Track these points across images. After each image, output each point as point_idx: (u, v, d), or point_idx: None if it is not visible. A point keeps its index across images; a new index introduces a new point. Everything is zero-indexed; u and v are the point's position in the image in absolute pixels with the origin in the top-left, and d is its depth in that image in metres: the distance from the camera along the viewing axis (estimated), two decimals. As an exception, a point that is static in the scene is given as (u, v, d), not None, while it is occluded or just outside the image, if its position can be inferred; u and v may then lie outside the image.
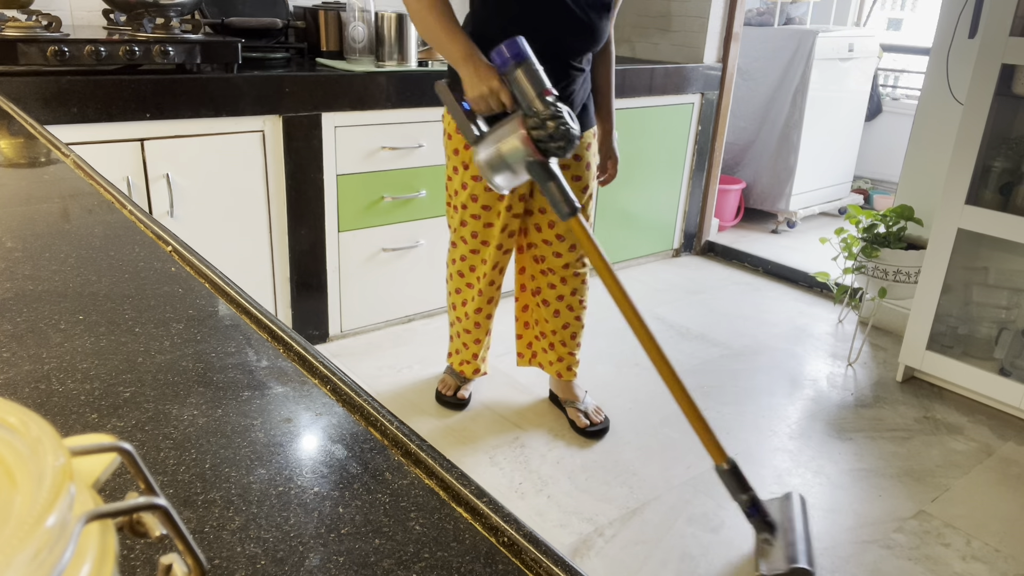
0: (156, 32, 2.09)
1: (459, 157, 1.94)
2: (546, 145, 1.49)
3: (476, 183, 1.94)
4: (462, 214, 2.01)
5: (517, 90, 1.54)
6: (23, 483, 0.21)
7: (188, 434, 0.49)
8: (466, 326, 2.19)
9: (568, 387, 2.26)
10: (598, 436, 2.19)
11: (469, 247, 2.05)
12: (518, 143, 1.50)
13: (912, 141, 2.90)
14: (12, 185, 0.98)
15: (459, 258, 2.09)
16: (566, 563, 0.40)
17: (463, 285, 2.14)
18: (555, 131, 1.48)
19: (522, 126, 1.50)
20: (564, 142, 1.49)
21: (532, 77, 1.53)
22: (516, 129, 1.51)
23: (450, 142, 1.96)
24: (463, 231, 2.04)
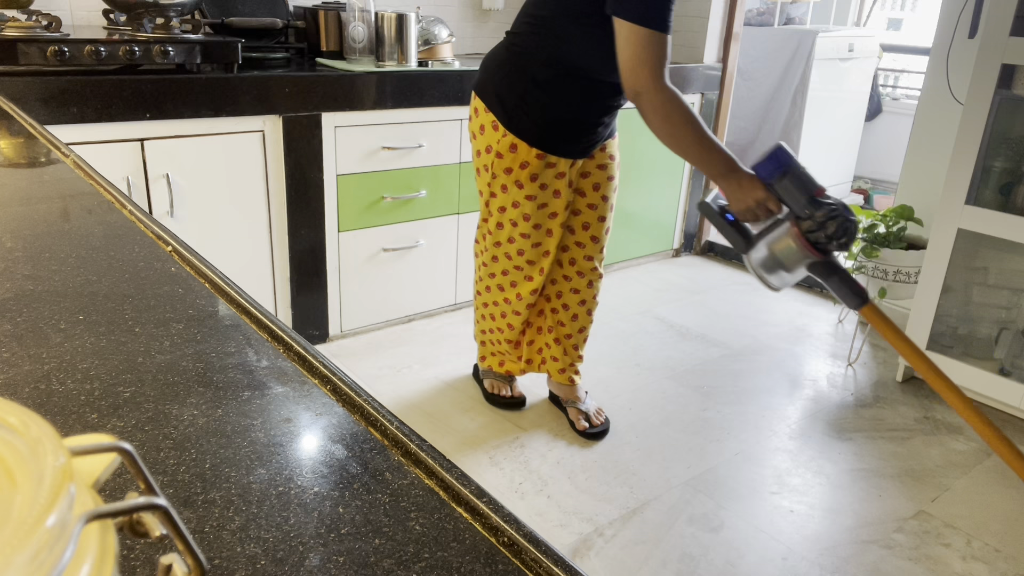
0: (156, 32, 2.09)
1: (511, 176, 1.89)
2: (825, 244, 1.49)
3: (529, 202, 1.91)
4: (510, 231, 1.98)
5: (785, 196, 1.53)
6: (23, 483, 0.21)
7: (188, 434, 0.49)
8: (508, 336, 2.19)
9: (570, 388, 2.26)
10: (598, 438, 2.19)
11: (513, 263, 2.03)
12: (793, 245, 1.50)
13: (912, 141, 2.90)
14: (12, 185, 0.98)
15: (500, 273, 2.07)
16: (566, 563, 0.40)
17: (501, 299, 2.11)
18: (835, 229, 1.47)
19: (795, 228, 1.49)
20: (847, 237, 1.49)
21: (800, 182, 1.51)
22: (790, 232, 1.50)
23: (501, 161, 1.88)
24: (509, 247, 2.01)
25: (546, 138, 1.84)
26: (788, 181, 1.51)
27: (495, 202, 1.96)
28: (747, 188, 1.58)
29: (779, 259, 1.53)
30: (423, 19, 2.71)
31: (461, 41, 3.34)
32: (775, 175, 1.52)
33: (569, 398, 2.25)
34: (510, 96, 1.83)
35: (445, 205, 2.76)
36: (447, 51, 2.76)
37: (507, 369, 2.30)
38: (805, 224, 1.48)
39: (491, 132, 1.87)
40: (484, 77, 1.90)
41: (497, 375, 2.32)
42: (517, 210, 1.94)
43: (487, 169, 1.93)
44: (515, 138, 1.84)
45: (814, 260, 1.51)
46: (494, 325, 2.20)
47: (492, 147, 1.88)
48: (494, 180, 1.93)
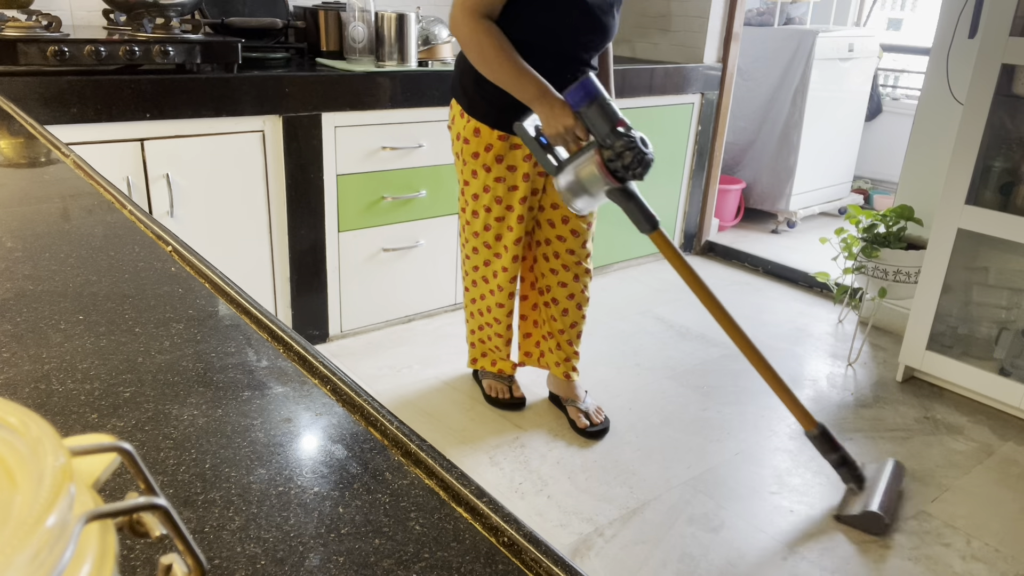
0: (156, 32, 2.09)
1: (479, 160, 1.96)
2: (623, 173, 1.63)
3: (498, 184, 1.98)
4: (485, 218, 2.03)
5: (591, 124, 1.66)
6: (23, 483, 0.21)
7: (188, 434, 0.49)
8: (497, 331, 2.21)
9: (569, 387, 2.26)
10: (598, 437, 2.19)
11: (493, 250, 2.08)
12: (595, 171, 1.65)
13: (912, 141, 2.90)
14: (12, 185, 0.98)
15: (482, 264, 2.12)
16: (566, 563, 0.40)
17: (487, 291, 2.16)
18: (631, 160, 1.62)
19: (598, 156, 1.63)
20: (640, 168, 1.64)
21: (605, 112, 1.64)
22: (593, 159, 1.65)
23: (468, 146, 1.95)
24: (486, 235, 2.06)
25: (503, 119, 1.89)
26: (594, 110, 1.64)
27: (468, 190, 2.03)
28: (559, 114, 1.70)
29: (583, 183, 1.68)
30: (423, 19, 2.71)
31: (461, 41, 3.34)
32: (583, 103, 1.65)
33: (568, 397, 2.26)
34: (469, 84, 1.91)
35: (445, 205, 2.76)
36: (447, 51, 2.76)
37: (499, 368, 2.31)
38: (606, 153, 1.63)
39: (459, 120, 1.97)
40: (453, 74, 2.01)
41: (494, 376, 2.33)
42: (489, 194, 2.00)
43: (459, 156, 2.02)
44: (477, 123, 1.92)
45: (612, 187, 1.66)
46: (483, 321, 2.23)
47: (460, 134, 1.97)
48: (465, 167, 2.00)
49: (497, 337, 2.23)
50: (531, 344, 2.33)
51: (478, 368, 2.35)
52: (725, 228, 4.16)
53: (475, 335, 2.29)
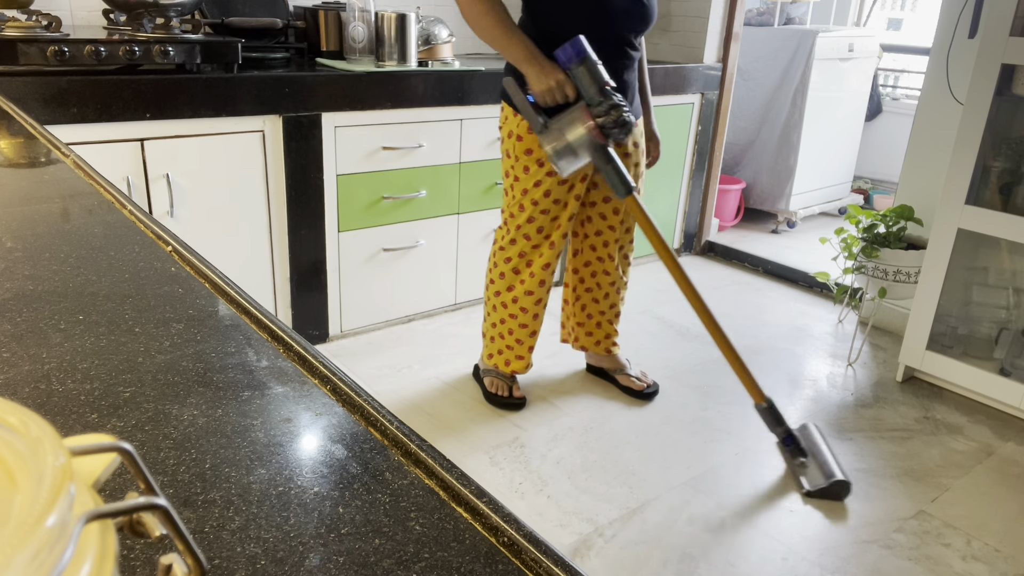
0: (156, 32, 2.09)
1: (533, 156, 2.02)
2: (609, 131, 1.70)
3: (550, 178, 2.04)
4: (531, 211, 2.09)
5: (580, 84, 1.73)
6: (23, 483, 0.21)
7: (188, 434, 0.49)
8: (523, 321, 2.24)
9: (613, 359, 2.43)
10: (651, 398, 2.39)
11: (532, 242, 2.14)
12: (583, 130, 1.72)
13: (912, 141, 2.90)
14: (12, 185, 0.98)
15: (516, 255, 2.16)
16: (566, 563, 0.40)
17: (517, 282, 2.20)
18: (617, 118, 1.70)
19: (587, 114, 1.71)
20: (623, 128, 1.72)
21: (593, 72, 1.71)
22: (581, 117, 1.72)
23: (521, 143, 2.02)
24: (528, 227, 2.12)
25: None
26: (584, 69, 1.72)
27: (518, 185, 2.08)
28: (548, 71, 1.79)
29: (569, 141, 1.75)
30: (423, 19, 2.71)
31: (461, 41, 3.34)
32: (573, 61, 1.72)
33: (615, 367, 2.44)
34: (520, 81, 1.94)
35: (445, 205, 2.76)
36: (447, 51, 2.76)
37: (512, 369, 2.31)
38: (595, 110, 1.71)
39: (512, 118, 2.03)
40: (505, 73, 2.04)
41: (500, 375, 2.33)
42: (539, 189, 2.06)
43: (509, 154, 2.08)
44: None
45: (599, 144, 1.74)
46: (506, 313, 2.24)
47: (513, 131, 2.03)
48: (517, 163, 2.06)
49: (521, 328, 2.25)
50: (573, 324, 2.44)
51: (492, 365, 2.34)
52: (725, 228, 4.16)
53: (495, 328, 2.29)
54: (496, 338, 2.30)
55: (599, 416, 2.30)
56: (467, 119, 2.70)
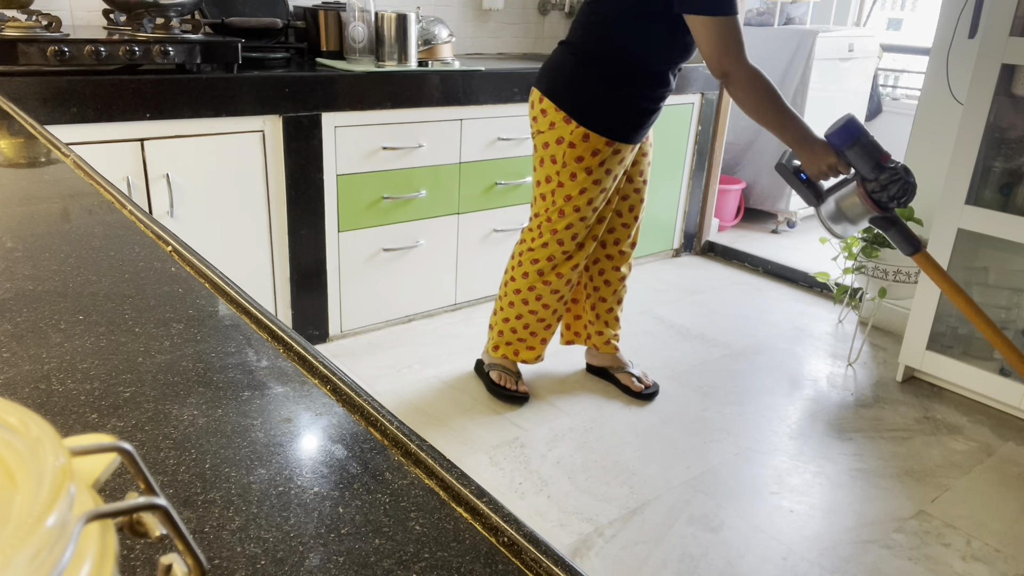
0: (156, 32, 2.09)
1: (582, 164, 2.04)
2: (887, 203, 1.76)
3: (595, 187, 2.08)
4: (571, 217, 2.12)
5: (855, 162, 1.77)
6: (23, 483, 0.21)
7: (188, 434, 0.49)
8: (542, 316, 2.29)
9: (615, 356, 2.45)
10: (651, 398, 2.40)
11: (564, 248, 2.17)
12: (859, 202, 1.78)
13: (912, 141, 2.90)
14: (12, 185, 0.98)
15: (546, 259, 2.19)
16: (566, 563, 0.40)
17: (541, 283, 2.24)
18: (896, 192, 1.74)
19: (861, 188, 1.76)
20: (906, 197, 1.75)
21: (867, 150, 1.75)
22: (856, 191, 1.77)
23: (573, 151, 2.03)
24: (565, 234, 2.15)
25: (617, 128, 2.02)
26: (858, 149, 1.76)
27: (562, 191, 2.10)
28: (820, 154, 1.81)
29: (845, 213, 1.81)
30: (423, 19, 2.71)
31: (461, 41, 3.34)
32: (847, 143, 1.76)
33: (617, 365, 2.45)
34: (582, 95, 2.00)
35: (445, 205, 2.76)
36: (447, 51, 2.76)
37: (522, 359, 2.36)
38: (870, 185, 1.75)
39: (562, 126, 2.03)
40: (553, 80, 2.06)
41: (506, 368, 2.37)
42: (583, 196, 2.09)
43: (555, 160, 2.08)
44: (587, 130, 2.01)
45: (875, 215, 1.78)
46: (525, 310, 2.27)
47: (564, 138, 2.04)
48: (564, 168, 2.07)
49: (539, 323, 2.30)
50: (581, 325, 2.48)
51: (499, 357, 2.37)
52: (725, 228, 4.16)
53: (509, 323, 2.31)
54: (507, 332, 2.33)
55: (599, 416, 2.30)
56: (467, 119, 2.70)
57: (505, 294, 2.30)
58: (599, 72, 1.99)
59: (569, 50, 2.05)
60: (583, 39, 2.02)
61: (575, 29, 2.05)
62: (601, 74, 1.99)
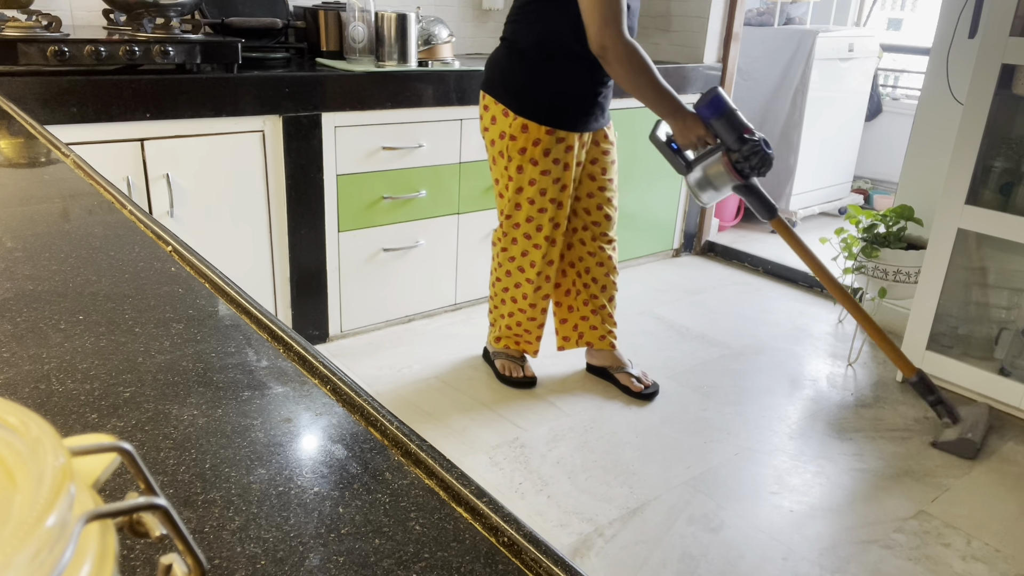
0: (156, 32, 2.09)
1: (526, 155, 2.09)
2: (749, 172, 1.93)
3: (544, 177, 2.12)
4: (528, 210, 2.17)
5: (720, 133, 1.94)
6: (23, 483, 0.21)
7: (188, 434, 0.49)
8: (531, 315, 2.34)
9: (614, 356, 2.45)
10: (651, 398, 2.40)
11: (533, 241, 2.21)
12: (723, 170, 1.94)
13: (912, 141, 2.90)
14: (12, 185, 0.98)
15: (520, 254, 2.25)
16: (566, 563, 0.40)
17: (523, 279, 2.28)
18: (756, 161, 1.91)
19: (726, 157, 1.93)
20: (765, 167, 1.93)
21: (732, 123, 1.92)
22: (721, 160, 1.94)
23: (515, 143, 2.08)
24: (528, 227, 2.19)
25: (552, 114, 2.05)
26: (724, 121, 1.92)
27: (512, 184, 2.14)
28: (691, 125, 1.95)
29: (711, 181, 1.97)
30: (423, 19, 2.71)
31: (461, 41, 3.34)
32: (714, 116, 1.93)
33: (616, 365, 2.45)
34: (514, 84, 2.05)
35: (445, 205, 2.76)
36: (447, 51, 2.76)
37: (522, 349, 2.42)
38: (734, 156, 1.92)
39: (502, 119, 2.09)
40: (489, 74, 2.13)
41: (511, 356, 2.43)
42: (534, 187, 2.13)
43: (503, 155, 2.13)
44: (525, 120, 2.05)
45: (738, 183, 1.95)
46: (515, 307, 2.34)
47: (505, 132, 2.09)
48: (510, 163, 2.12)
49: (530, 321, 2.35)
50: (568, 328, 2.47)
51: (500, 348, 2.44)
52: (725, 228, 4.16)
53: (504, 320, 2.38)
54: (503, 328, 2.40)
55: (599, 416, 2.30)
56: (467, 119, 2.70)
57: (496, 293, 2.37)
58: (528, 61, 2.03)
59: (503, 44, 2.11)
60: (512, 31, 2.07)
61: (506, 23, 2.11)
62: (530, 63, 2.03)
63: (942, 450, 2.18)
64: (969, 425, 2.21)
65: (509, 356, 2.44)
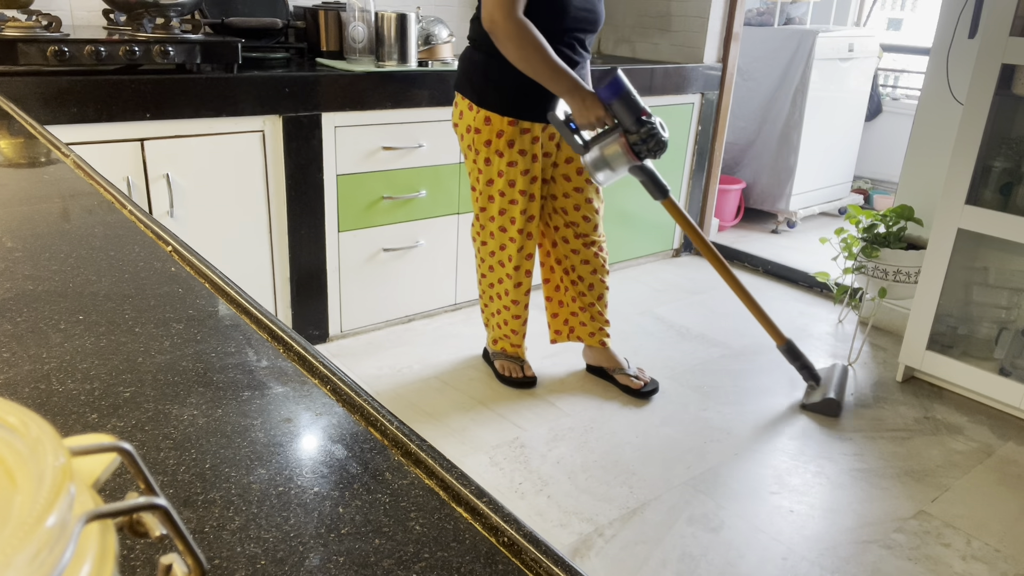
0: (156, 32, 2.09)
1: (491, 147, 2.11)
2: (645, 154, 1.95)
3: (511, 168, 2.12)
4: (500, 202, 2.17)
5: (618, 114, 1.94)
6: (23, 483, 0.21)
7: (188, 434, 0.49)
8: (515, 312, 2.35)
9: (609, 356, 2.44)
10: (650, 396, 2.40)
11: (508, 235, 2.22)
12: (620, 151, 1.95)
13: (912, 141, 2.90)
14: (12, 185, 0.98)
15: (498, 248, 2.25)
16: (566, 563, 0.40)
17: (504, 275, 2.29)
18: (653, 144, 1.94)
19: (623, 138, 1.94)
20: (660, 150, 1.96)
21: (630, 105, 1.93)
22: (618, 141, 1.94)
23: (479, 136, 2.10)
24: (502, 219, 2.20)
25: (512, 105, 2.06)
26: (621, 103, 1.93)
27: (483, 177, 2.16)
28: (590, 105, 1.94)
29: (607, 161, 1.98)
30: (423, 19, 2.71)
31: (461, 41, 3.34)
32: (613, 98, 1.93)
33: (613, 366, 2.45)
34: (476, 78, 2.08)
35: (445, 205, 2.76)
36: (447, 51, 2.76)
37: (516, 351, 2.44)
38: (632, 137, 1.94)
39: (468, 113, 2.11)
40: (458, 73, 2.16)
41: (509, 356, 2.44)
42: (503, 179, 2.14)
43: (471, 148, 2.15)
44: (488, 112, 2.07)
45: (634, 164, 1.98)
46: (500, 304, 2.35)
47: (471, 126, 2.11)
48: (478, 156, 2.14)
49: (515, 319, 2.36)
50: (560, 323, 2.48)
51: (499, 349, 2.46)
52: (725, 228, 4.16)
53: (495, 318, 2.40)
54: (495, 326, 2.41)
55: (599, 416, 2.30)
56: (467, 119, 2.70)
57: (483, 291, 2.38)
58: (486, 54, 2.04)
59: (469, 42, 2.14)
60: (474, 29, 2.09)
61: (470, 21, 2.12)
62: (488, 56, 2.04)
63: (810, 411, 2.36)
64: (831, 386, 2.38)
65: (508, 356, 2.44)
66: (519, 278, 2.29)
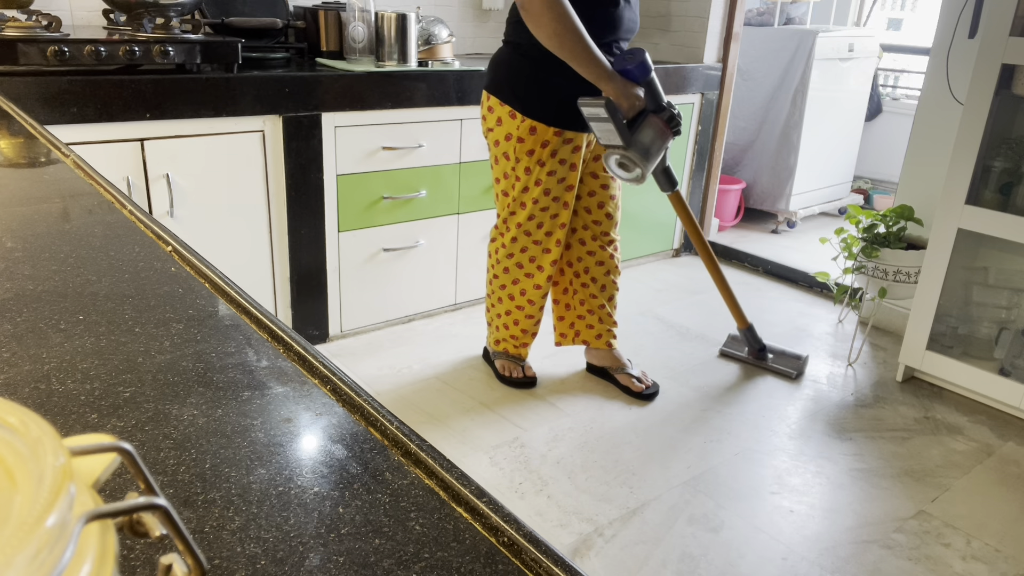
0: (156, 32, 2.09)
1: (534, 157, 2.09)
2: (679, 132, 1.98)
3: (550, 178, 2.11)
4: (532, 209, 2.16)
5: (650, 94, 1.94)
6: (23, 483, 0.21)
7: (188, 434, 0.49)
8: (529, 312, 2.33)
9: (614, 356, 2.44)
10: (651, 399, 2.39)
11: (532, 239, 2.21)
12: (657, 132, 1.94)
13: (912, 141, 2.90)
14: (12, 185, 0.98)
15: (519, 251, 2.23)
16: (566, 563, 0.40)
17: (523, 275, 2.28)
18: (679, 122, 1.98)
19: (660, 119, 1.94)
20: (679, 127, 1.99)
21: (656, 83, 1.95)
22: (657, 123, 1.94)
23: (523, 145, 2.08)
24: (530, 224, 2.18)
25: (561, 116, 2.04)
26: (651, 81, 1.94)
27: (519, 184, 2.14)
28: (631, 90, 1.93)
29: (649, 148, 1.95)
30: (423, 19, 2.71)
31: (461, 41, 3.34)
32: (644, 77, 1.92)
33: (615, 366, 2.44)
34: (520, 86, 2.04)
35: (445, 205, 2.76)
36: (447, 51, 2.76)
37: (519, 352, 2.43)
38: (665, 115, 1.95)
39: (509, 121, 2.07)
40: (493, 76, 2.11)
41: (511, 356, 2.43)
42: (539, 187, 2.13)
43: (508, 156, 2.12)
44: (533, 121, 2.04)
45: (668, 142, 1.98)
46: (512, 305, 2.33)
47: (512, 134, 2.08)
48: (517, 164, 2.11)
49: (527, 319, 2.35)
50: (565, 326, 2.47)
51: (501, 349, 2.44)
52: (725, 228, 4.16)
53: (502, 319, 2.38)
54: (501, 327, 2.39)
55: (599, 416, 2.30)
56: (467, 119, 2.70)
57: (492, 291, 2.35)
58: (533, 62, 2.00)
59: (505, 45, 2.09)
60: (514, 31, 2.05)
61: (507, 23, 2.09)
62: (535, 63, 2.00)
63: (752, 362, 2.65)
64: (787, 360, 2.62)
65: (509, 356, 2.44)
66: (541, 281, 2.27)
